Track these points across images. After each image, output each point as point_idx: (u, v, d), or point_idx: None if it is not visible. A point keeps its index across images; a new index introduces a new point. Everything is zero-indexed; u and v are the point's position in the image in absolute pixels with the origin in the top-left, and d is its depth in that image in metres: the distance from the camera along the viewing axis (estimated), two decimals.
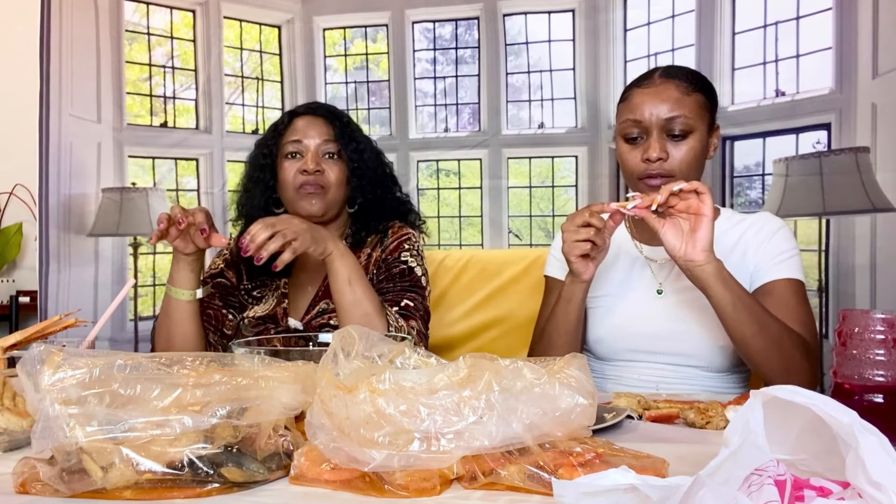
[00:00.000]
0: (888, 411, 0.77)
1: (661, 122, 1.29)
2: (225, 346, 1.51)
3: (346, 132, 1.55)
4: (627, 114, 1.33)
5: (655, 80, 1.33)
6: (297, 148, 1.52)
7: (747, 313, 1.16)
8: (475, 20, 2.75)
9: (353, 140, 1.55)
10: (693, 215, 1.15)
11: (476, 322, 1.86)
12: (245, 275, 1.60)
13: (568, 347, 1.31)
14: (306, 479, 0.72)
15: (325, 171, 1.51)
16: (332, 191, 1.51)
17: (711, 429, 0.96)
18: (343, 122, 1.57)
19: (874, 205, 2.10)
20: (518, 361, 0.76)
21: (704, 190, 1.14)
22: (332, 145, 1.53)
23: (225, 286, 1.58)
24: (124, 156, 2.78)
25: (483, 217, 2.76)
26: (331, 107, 1.62)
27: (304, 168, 1.49)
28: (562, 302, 1.31)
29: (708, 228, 1.14)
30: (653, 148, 1.28)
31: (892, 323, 0.78)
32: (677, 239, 1.16)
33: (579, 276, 1.25)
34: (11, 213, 3.41)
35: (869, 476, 0.49)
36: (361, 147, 1.56)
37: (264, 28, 2.88)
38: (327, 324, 1.52)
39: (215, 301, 1.55)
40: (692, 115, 1.29)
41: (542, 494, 0.67)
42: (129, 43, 2.80)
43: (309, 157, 1.50)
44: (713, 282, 1.16)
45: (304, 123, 1.55)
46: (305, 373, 0.78)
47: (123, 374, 0.70)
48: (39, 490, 0.69)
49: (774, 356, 1.18)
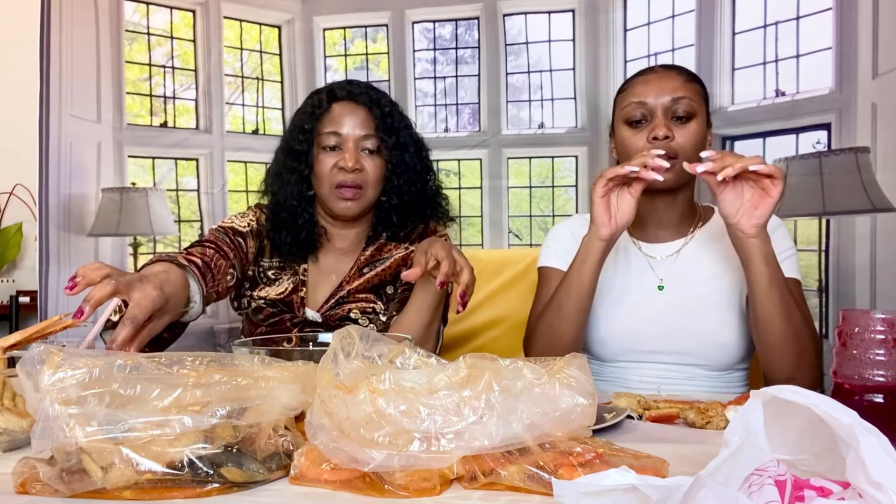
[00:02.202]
0: (888, 411, 0.77)
1: (667, 102, 1.31)
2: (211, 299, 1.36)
3: (387, 123, 1.46)
4: (631, 98, 1.34)
5: (657, 69, 1.38)
6: (336, 141, 1.44)
7: (779, 294, 1.17)
8: (475, 20, 2.75)
9: (394, 133, 1.46)
10: (760, 190, 1.15)
11: (476, 322, 1.86)
12: (268, 252, 1.51)
13: (575, 322, 1.29)
14: (306, 479, 0.72)
15: (365, 169, 1.44)
16: (370, 190, 1.45)
17: (711, 429, 0.96)
18: (385, 112, 1.47)
19: (874, 205, 2.10)
20: (518, 361, 0.76)
21: (779, 175, 1.14)
22: (372, 141, 1.44)
23: (239, 246, 1.45)
24: (124, 156, 2.78)
25: (483, 217, 2.76)
26: (373, 91, 1.50)
27: (343, 165, 1.42)
28: (575, 264, 1.28)
29: (769, 209, 1.15)
30: (659, 127, 1.30)
31: (892, 323, 0.78)
32: (734, 205, 1.16)
33: (598, 232, 1.24)
34: (11, 213, 3.41)
35: (869, 476, 0.49)
36: (403, 141, 1.47)
37: (264, 28, 2.88)
38: (347, 316, 1.47)
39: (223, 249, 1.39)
40: (696, 99, 1.32)
41: (542, 494, 0.67)
42: (129, 43, 2.81)
43: (348, 154, 1.42)
44: (756, 255, 1.17)
45: (344, 111, 1.45)
46: (305, 373, 0.78)
47: (123, 374, 0.70)
48: (39, 490, 0.69)
49: (791, 346, 1.19)
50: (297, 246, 1.49)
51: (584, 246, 1.27)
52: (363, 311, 1.48)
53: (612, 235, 1.24)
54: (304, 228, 1.48)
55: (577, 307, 1.29)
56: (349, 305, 1.48)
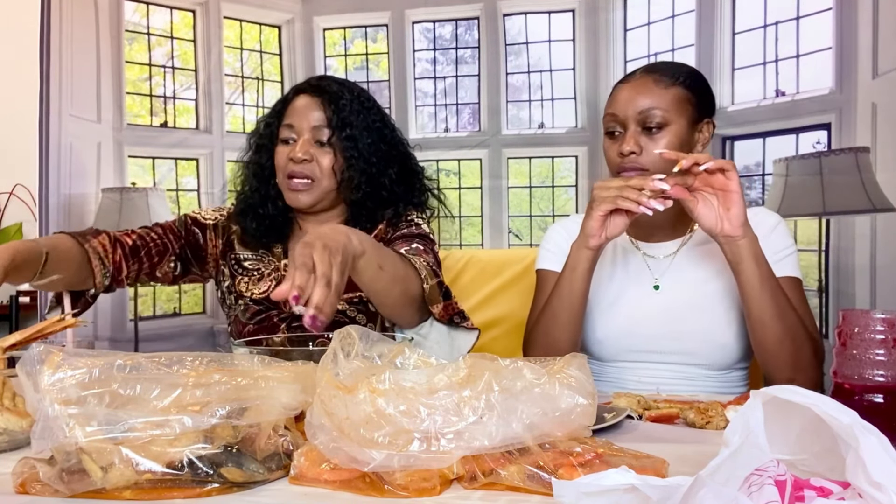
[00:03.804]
0: (888, 411, 0.77)
1: (636, 115, 1.30)
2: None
3: (340, 116, 1.46)
4: (608, 108, 1.35)
5: (637, 75, 1.35)
6: (290, 134, 1.47)
7: (771, 294, 1.17)
8: (475, 20, 2.75)
9: (347, 126, 1.46)
10: (721, 191, 1.16)
11: (476, 322, 1.85)
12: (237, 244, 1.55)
13: (570, 328, 1.30)
14: (306, 479, 0.72)
15: (315, 160, 1.45)
16: (323, 182, 1.45)
17: (711, 429, 0.96)
18: (340, 105, 1.47)
19: (874, 205, 2.10)
20: (518, 361, 0.76)
21: (730, 167, 1.15)
22: (324, 132, 1.45)
23: (195, 241, 1.53)
24: (124, 156, 2.79)
25: (483, 217, 2.76)
26: (335, 84, 1.51)
27: (293, 156, 1.44)
28: (566, 271, 1.29)
29: (740, 204, 1.15)
30: (626, 142, 1.29)
31: (892, 323, 0.78)
32: (710, 216, 1.17)
33: (587, 241, 1.24)
34: (11, 213, 3.42)
35: (869, 476, 0.49)
36: (356, 133, 1.47)
37: (264, 28, 2.88)
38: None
39: (167, 236, 1.50)
40: (669, 109, 1.29)
41: (542, 494, 0.67)
42: (129, 43, 2.81)
43: (298, 145, 1.45)
44: (747, 255, 1.17)
45: (302, 104, 1.48)
46: (305, 373, 0.78)
47: (123, 374, 0.70)
48: (39, 490, 0.69)
49: (787, 346, 1.18)
50: (262, 231, 1.51)
51: (573, 254, 1.29)
52: (350, 301, 1.48)
53: (600, 246, 1.26)
54: (268, 217, 1.52)
55: (570, 313, 1.30)
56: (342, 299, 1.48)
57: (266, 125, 1.53)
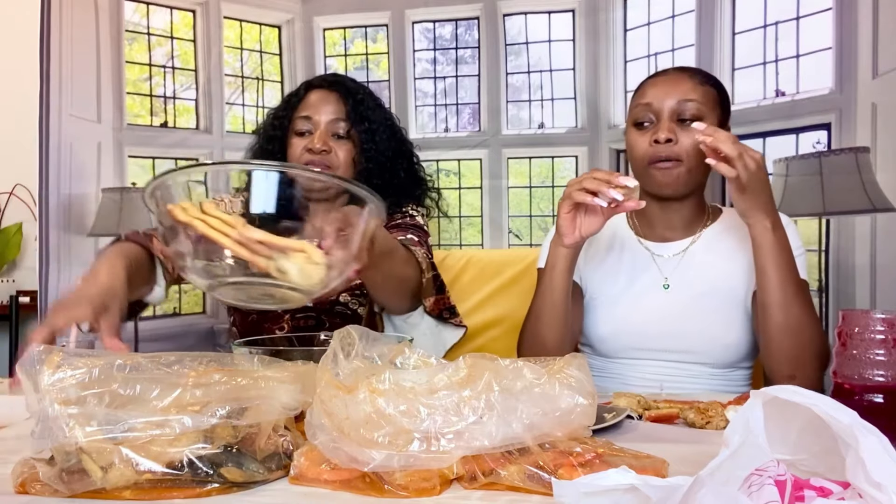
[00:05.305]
0: (888, 411, 0.77)
1: (672, 105, 1.31)
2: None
3: (358, 110, 1.51)
4: (639, 99, 1.35)
5: (669, 72, 1.37)
6: (307, 126, 1.49)
7: (779, 282, 1.19)
8: (475, 20, 2.75)
9: (364, 120, 1.51)
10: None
11: (476, 322, 1.85)
12: None
13: (554, 327, 1.30)
14: (306, 479, 0.72)
15: (333, 151, 1.48)
16: (339, 172, 1.47)
17: (711, 429, 0.96)
18: (357, 100, 1.52)
19: (874, 205, 2.09)
20: (518, 361, 0.76)
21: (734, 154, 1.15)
22: (342, 125, 1.49)
23: None
24: (124, 156, 2.78)
25: (483, 217, 2.76)
26: (349, 81, 1.57)
27: (311, 147, 1.46)
28: (546, 270, 1.30)
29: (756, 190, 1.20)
30: (662, 129, 1.30)
31: (892, 323, 0.78)
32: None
33: (562, 240, 1.25)
34: (11, 213, 3.41)
35: (869, 476, 0.49)
36: (374, 127, 1.51)
37: (264, 28, 2.88)
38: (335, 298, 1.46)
39: None
40: (704, 102, 1.31)
41: (542, 494, 0.67)
42: (129, 43, 2.80)
43: (316, 136, 1.47)
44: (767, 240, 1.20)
45: (317, 98, 1.52)
46: (305, 373, 0.78)
47: (123, 374, 0.70)
48: (39, 490, 0.69)
49: (789, 339, 1.19)
50: None
51: (551, 252, 1.29)
52: (351, 293, 1.48)
53: (575, 244, 1.26)
54: None
55: (552, 312, 1.30)
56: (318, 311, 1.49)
57: (277, 117, 1.55)
